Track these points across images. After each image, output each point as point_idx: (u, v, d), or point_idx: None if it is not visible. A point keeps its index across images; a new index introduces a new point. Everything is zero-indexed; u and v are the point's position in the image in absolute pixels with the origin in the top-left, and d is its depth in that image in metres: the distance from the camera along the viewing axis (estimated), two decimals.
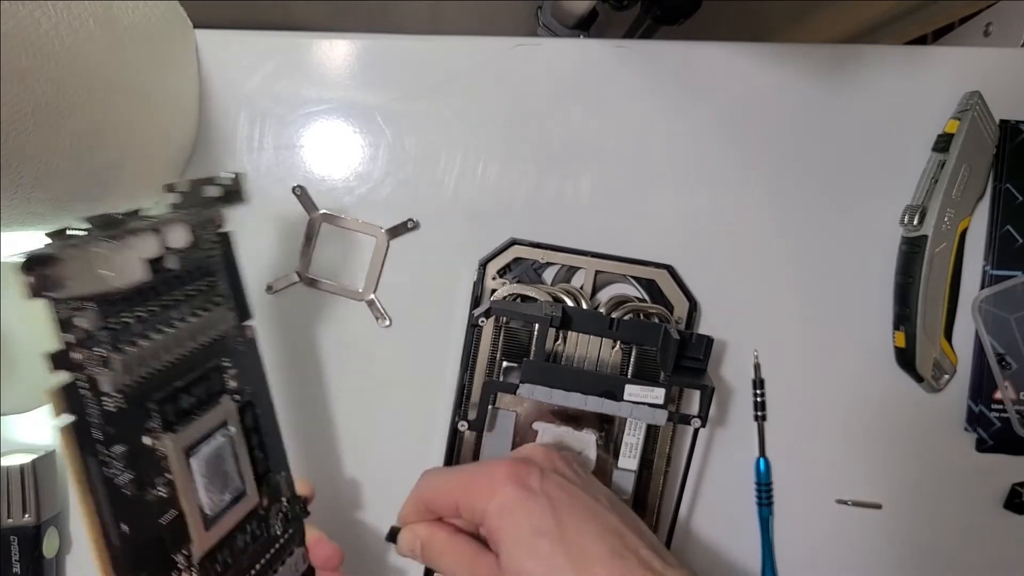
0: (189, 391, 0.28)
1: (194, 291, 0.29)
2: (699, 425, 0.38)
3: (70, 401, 0.25)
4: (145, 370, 0.27)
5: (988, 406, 0.41)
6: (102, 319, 0.25)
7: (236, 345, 0.31)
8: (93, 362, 0.25)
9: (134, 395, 0.26)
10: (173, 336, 0.28)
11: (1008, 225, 0.41)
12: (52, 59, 0.26)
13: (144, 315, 0.27)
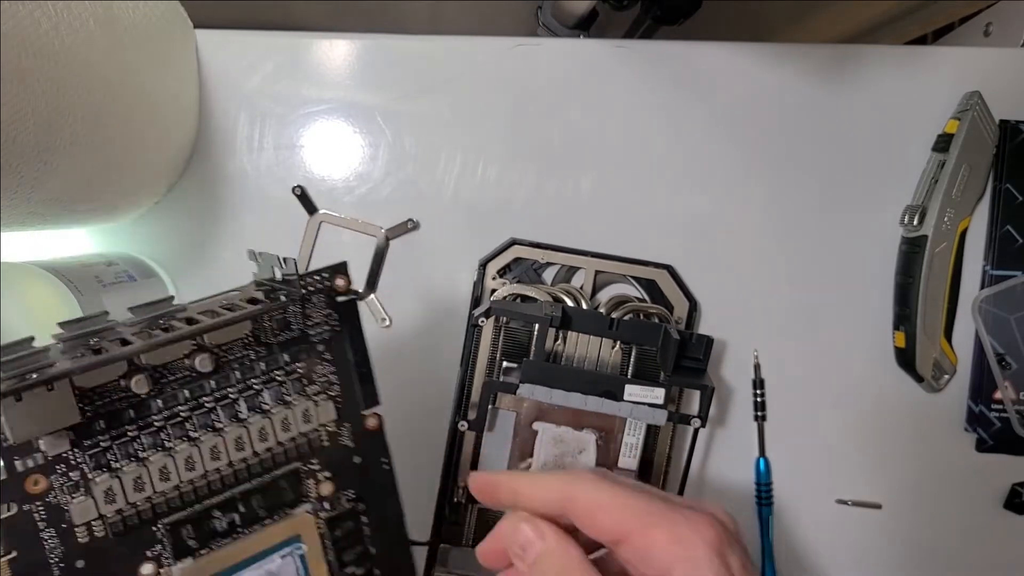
0: (237, 505, 0.25)
1: (264, 383, 0.25)
2: (699, 425, 0.38)
3: (14, 536, 0.22)
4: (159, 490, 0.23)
5: (988, 406, 0.41)
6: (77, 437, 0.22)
7: (340, 441, 0.27)
8: (59, 490, 0.22)
9: (134, 519, 0.23)
10: (209, 444, 0.24)
11: (1008, 225, 0.41)
12: (52, 59, 0.26)
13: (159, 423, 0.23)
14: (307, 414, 0.26)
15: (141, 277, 0.37)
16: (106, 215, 0.35)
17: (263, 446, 0.25)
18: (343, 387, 0.27)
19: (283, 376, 0.26)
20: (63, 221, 0.32)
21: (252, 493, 0.25)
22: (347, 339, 0.27)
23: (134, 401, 0.23)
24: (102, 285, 0.33)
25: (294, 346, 0.26)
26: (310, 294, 0.26)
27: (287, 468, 0.26)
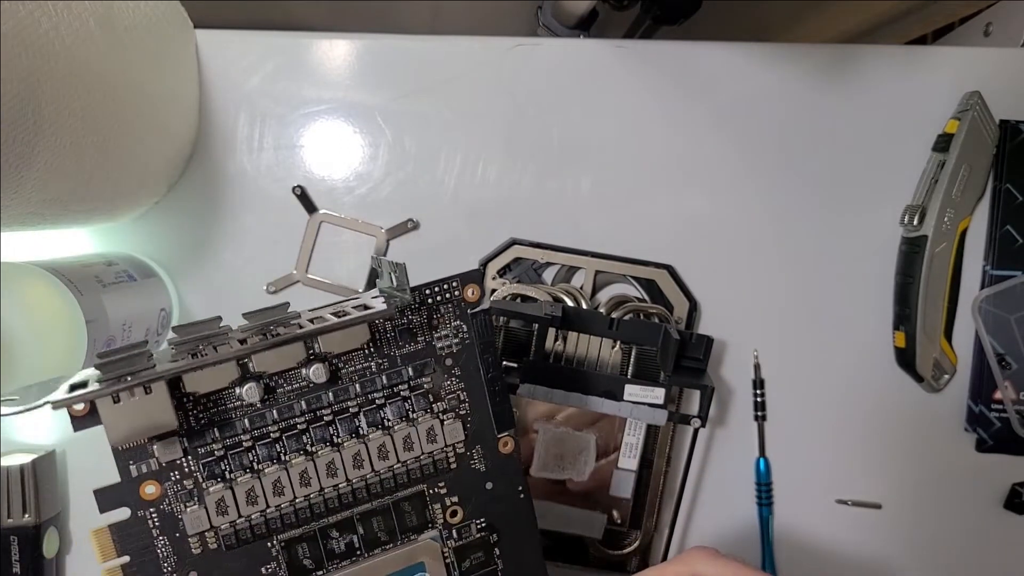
0: (356, 526, 0.24)
1: (387, 397, 0.24)
2: (699, 425, 0.38)
3: (127, 539, 0.21)
4: (273, 505, 0.23)
5: (988, 406, 0.41)
6: (190, 445, 0.22)
7: (471, 464, 0.25)
8: (173, 497, 0.22)
9: (247, 534, 0.22)
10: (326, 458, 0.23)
11: (1008, 225, 0.41)
12: (52, 59, 0.26)
13: (275, 435, 0.22)
14: (431, 433, 0.24)
15: (141, 277, 0.37)
16: (106, 215, 0.35)
17: (384, 464, 0.24)
18: (473, 406, 0.25)
19: (407, 391, 0.24)
20: (63, 221, 0.32)
21: (372, 514, 0.24)
22: (479, 354, 0.25)
23: (249, 411, 0.23)
24: (102, 285, 0.33)
25: (419, 359, 0.24)
26: (437, 304, 0.24)
27: (411, 490, 0.24)
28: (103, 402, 0.21)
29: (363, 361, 0.24)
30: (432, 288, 0.24)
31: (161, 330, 0.38)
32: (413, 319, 0.24)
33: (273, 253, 0.42)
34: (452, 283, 0.24)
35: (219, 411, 0.22)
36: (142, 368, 0.21)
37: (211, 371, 0.22)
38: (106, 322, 0.32)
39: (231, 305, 0.41)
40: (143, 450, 0.22)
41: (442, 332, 0.24)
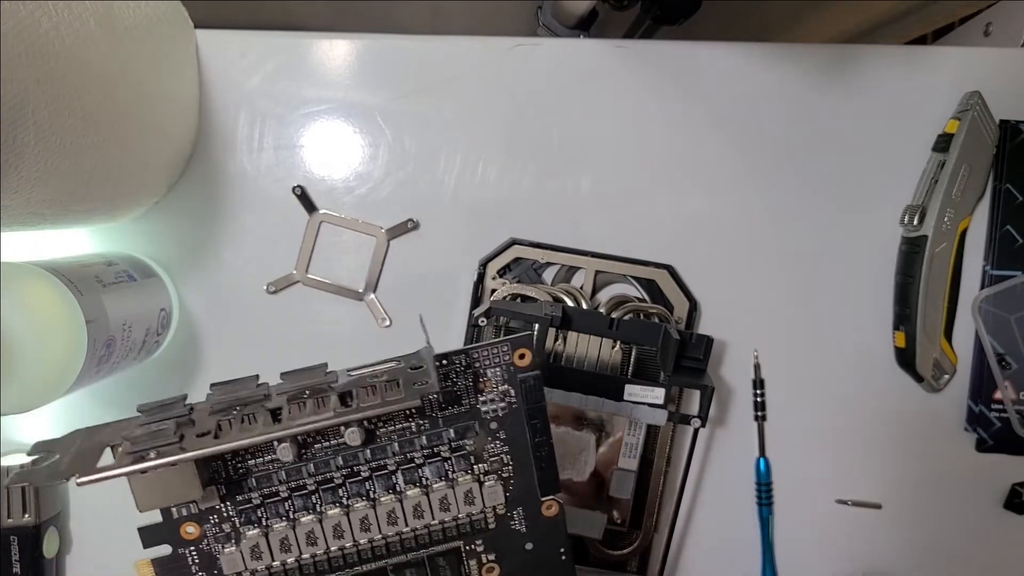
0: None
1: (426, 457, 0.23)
2: (699, 425, 0.38)
3: (168, 573, 0.23)
4: (307, 553, 0.23)
5: (988, 406, 0.41)
6: (228, 492, 0.23)
7: (510, 525, 0.24)
8: (212, 538, 0.23)
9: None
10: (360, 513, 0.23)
11: (1008, 225, 0.41)
12: (52, 59, 0.26)
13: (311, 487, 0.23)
14: (470, 495, 0.24)
15: (141, 277, 0.37)
16: (106, 215, 0.35)
17: (419, 523, 0.23)
18: (517, 469, 0.24)
19: (447, 452, 0.24)
20: (63, 221, 0.32)
21: (407, 566, 0.24)
22: (526, 418, 0.24)
23: (286, 465, 0.23)
24: (102, 285, 0.33)
25: (462, 422, 0.24)
26: (484, 368, 0.24)
27: (447, 546, 0.24)
28: (132, 477, 0.22)
29: (403, 422, 0.24)
30: (480, 352, 0.24)
31: (161, 330, 0.38)
32: (458, 383, 0.24)
33: (273, 253, 0.42)
34: (503, 347, 0.24)
35: (256, 464, 0.23)
36: (169, 440, 0.21)
37: (248, 429, 0.22)
38: (106, 322, 0.32)
39: (231, 305, 0.41)
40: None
41: (488, 396, 0.24)
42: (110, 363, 0.33)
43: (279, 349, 0.42)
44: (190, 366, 0.41)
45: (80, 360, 0.30)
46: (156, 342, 0.38)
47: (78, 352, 0.30)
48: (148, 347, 0.37)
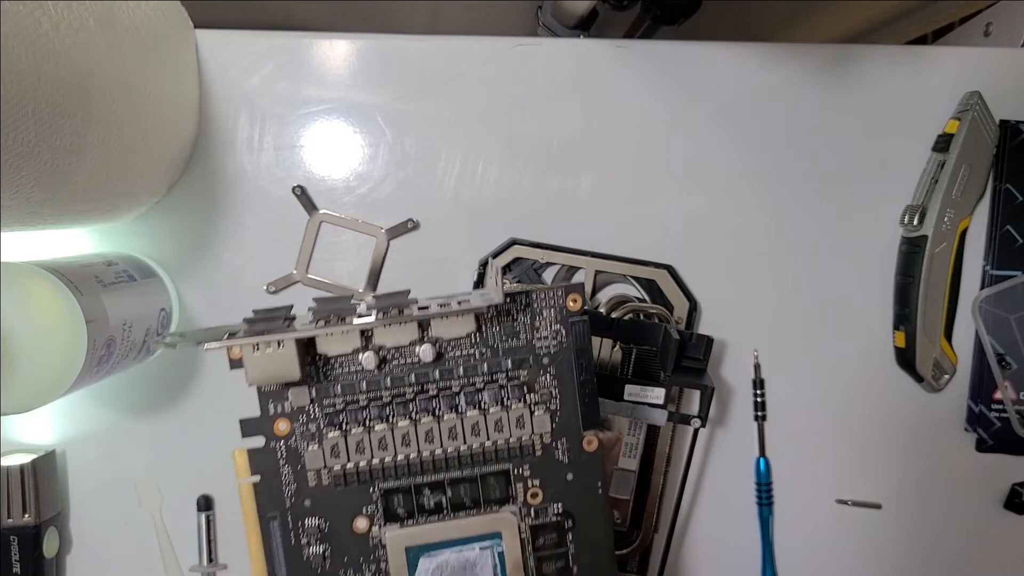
0: (446, 489, 0.27)
1: (486, 382, 0.27)
2: (699, 425, 0.38)
3: (260, 462, 0.26)
4: (377, 457, 0.26)
5: (988, 406, 0.41)
6: (317, 395, 0.26)
7: (554, 455, 0.27)
8: (299, 436, 0.26)
9: (354, 477, 0.26)
10: (426, 426, 0.26)
11: (1008, 225, 0.41)
12: (52, 59, 0.26)
13: (387, 399, 0.26)
14: (521, 420, 0.27)
15: (141, 277, 0.37)
16: (106, 215, 0.35)
17: (476, 440, 0.27)
18: (563, 402, 0.27)
19: (504, 380, 0.27)
20: (63, 221, 0.32)
21: (460, 481, 0.27)
22: (574, 358, 0.27)
23: (367, 375, 0.27)
24: (102, 285, 0.33)
25: (519, 355, 0.27)
26: (541, 308, 0.27)
27: (497, 467, 0.27)
28: (246, 350, 0.26)
29: (468, 348, 0.27)
30: (538, 293, 0.27)
31: (161, 330, 0.38)
32: (518, 319, 0.27)
33: (273, 253, 0.42)
34: (557, 292, 0.27)
35: (342, 372, 0.27)
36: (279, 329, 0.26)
37: (338, 338, 0.26)
38: (106, 322, 0.32)
39: (231, 305, 0.41)
40: (280, 394, 0.27)
41: (543, 333, 0.27)
42: (110, 363, 0.33)
43: None
44: (190, 366, 0.41)
45: (80, 360, 0.30)
46: (156, 342, 0.38)
47: (78, 352, 0.30)
48: (148, 347, 0.37)
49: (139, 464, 0.41)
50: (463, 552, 0.26)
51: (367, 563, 0.27)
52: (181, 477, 0.41)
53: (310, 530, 0.26)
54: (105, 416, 0.41)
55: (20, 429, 0.41)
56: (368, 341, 0.27)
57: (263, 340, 0.25)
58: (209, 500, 0.41)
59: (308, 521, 0.26)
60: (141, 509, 0.41)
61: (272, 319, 0.26)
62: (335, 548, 0.26)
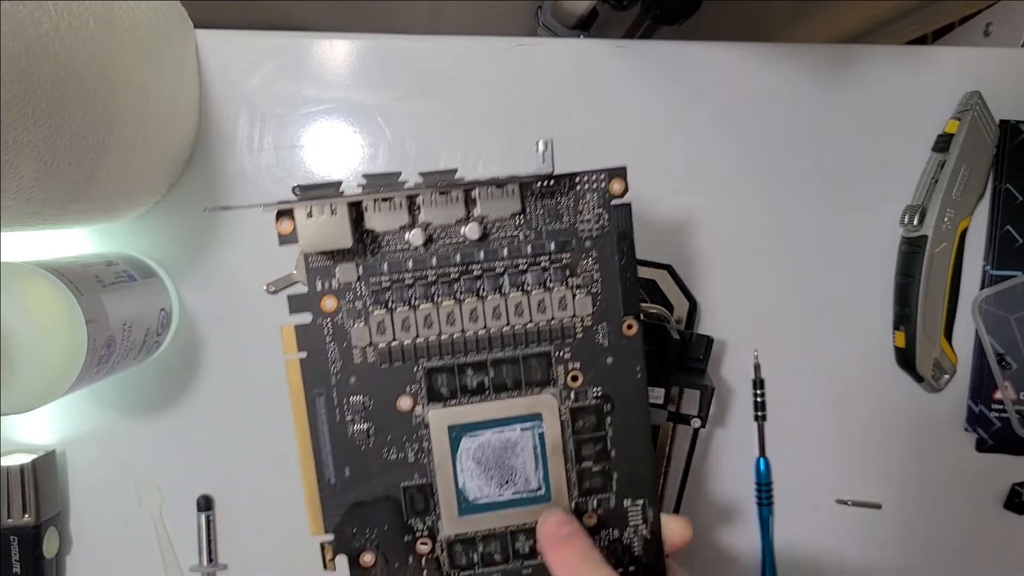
0: (488, 369, 0.27)
1: (529, 264, 0.27)
2: (699, 425, 0.38)
3: (306, 339, 0.27)
4: (422, 336, 0.27)
5: (988, 406, 0.41)
6: (364, 273, 0.27)
7: (595, 338, 0.28)
8: (345, 313, 0.27)
9: (399, 355, 0.27)
10: (470, 306, 0.27)
11: (1008, 225, 0.41)
12: (52, 59, 0.26)
13: (432, 278, 0.27)
14: (563, 302, 0.27)
15: (141, 277, 0.37)
16: (106, 215, 0.35)
17: (519, 320, 0.27)
18: (604, 286, 0.28)
19: (547, 262, 0.27)
20: (63, 221, 0.32)
21: (503, 362, 0.27)
22: (616, 241, 0.27)
23: (413, 254, 0.27)
24: (102, 285, 0.33)
25: (562, 237, 0.27)
26: (584, 191, 0.27)
27: (538, 349, 0.27)
28: (300, 215, 0.27)
29: (512, 230, 0.27)
30: (582, 176, 0.27)
31: (161, 330, 0.38)
32: (562, 201, 0.27)
33: (273, 253, 0.41)
34: (601, 175, 0.27)
35: (389, 250, 0.27)
36: (332, 195, 0.26)
37: (386, 213, 0.27)
38: (106, 322, 0.32)
39: (231, 305, 0.41)
40: (328, 271, 0.27)
41: (586, 216, 0.27)
42: (110, 363, 0.33)
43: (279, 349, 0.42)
44: (190, 366, 0.41)
45: (80, 360, 0.30)
46: (156, 342, 0.38)
47: (78, 352, 0.30)
48: (148, 347, 0.37)
49: (139, 464, 0.41)
50: (504, 432, 0.27)
51: (410, 441, 0.27)
52: (181, 477, 0.41)
53: (355, 407, 0.27)
54: (105, 416, 0.41)
55: (20, 429, 0.41)
56: (415, 218, 0.27)
57: (317, 203, 0.26)
58: (209, 500, 0.41)
59: (353, 398, 0.27)
60: (141, 509, 0.41)
61: (324, 187, 0.26)
62: (379, 426, 0.27)
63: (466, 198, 0.27)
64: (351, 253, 0.27)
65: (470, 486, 0.27)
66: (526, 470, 0.27)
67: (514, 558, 0.28)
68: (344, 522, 0.27)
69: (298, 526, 0.41)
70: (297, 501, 0.41)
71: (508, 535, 0.27)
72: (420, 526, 0.27)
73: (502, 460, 0.27)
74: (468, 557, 0.27)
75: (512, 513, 0.27)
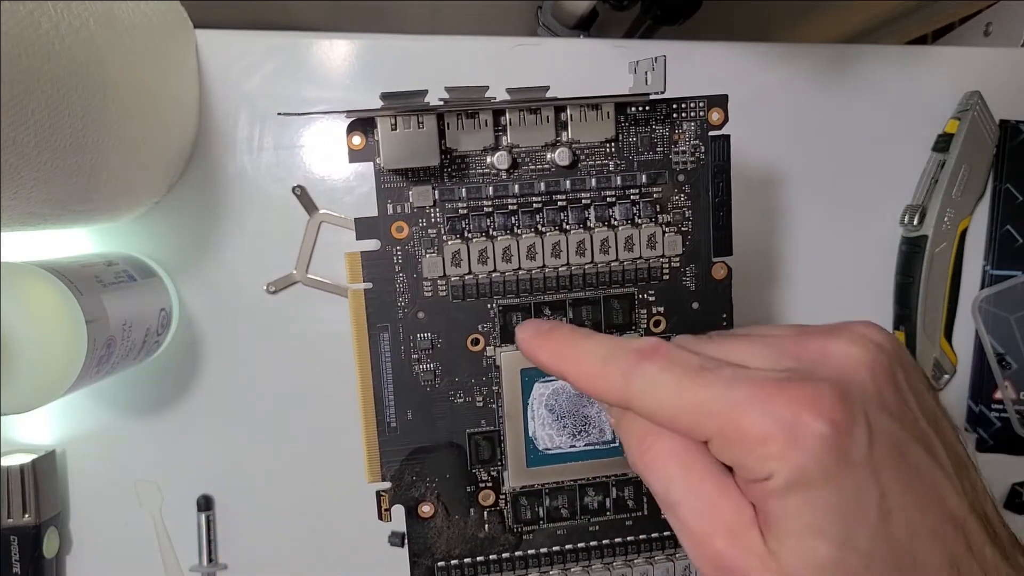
0: (567, 310, 0.25)
1: (618, 197, 0.25)
2: None
3: (373, 268, 0.24)
4: (499, 270, 0.25)
5: (988, 406, 0.41)
6: (440, 197, 0.24)
7: (682, 281, 0.26)
8: (417, 241, 0.25)
9: (472, 290, 0.25)
10: (552, 239, 0.25)
11: (1008, 225, 0.41)
12: (52, 59, 0.26)
13: (513, 207, 0.25)
14: (652, 240, 0.25)
15: (141, 277, 0.37)
16: (106, 215, 0.35)
17: (603, 259, 0.25)
18: (696, 225, 0.26)
19: (637, 196, 0.25)
20: (63, 221, 0.32)
21: (584, 303, 0.25)
22: (711, 176, 0.26)
23: (495, 180, 0.25)
24: (102, 285, 0.33)
25: (654, 168, 0.25)
26: (681, 120, 0.25)
27: (622, 291, 0.25)
28: (383, 127, 0.23)
29: (603, 159, 0.25)
30: (679, 103, 0.25)
31: (161, 330, 0.38)
32: (656, 129, 0.25)
33: (273, 253, 0.42)
34: (699, 103, 0.25)
35: (469, 174, 0.25)
36: (418, 107, 0.23)
37: (470, 133, 0.24)
38: (106, 322, 0.32)
39: (231, 305, 0.41)
40: (401, 192, 0.24)
41: (681, 147, 0.25)
42: (110, 363, 0.33)
43: (279, 349, 0.42)
44: (190, 366, 0.41)
45: (80, 360, 0.30)
46: (156, 342, 0.38)
47: (78, 352, 0.30)
48: (148, 347, 0.37)
49: (139, 464, 0.41)
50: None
51: (479, 384, 0.25)
52: (181, 477, 0.41)
53: (422, 344, 0.25)
54: (105, 416, 0.41)
55: (20, 429, 0.41)
56: (499, 141, 0.25)
57: (405, 113, 0.23)
58: (209, 500, 0.41)
59: (420, 336, 0.25)
60: (141, 509, 0.41)
61: (409, 97, 0.23)
62: (446, 366, 0.25)
63: (556, 121, 0.25)
64: (427, 175, 0.24)
65: (540, 435, 0.25)
66: (600, 420, 0.25)
67: (581, 514, 0.26)
68: (403, 469, 0.25)
69: (298, 526, 0.42)
70: (297, 502, 0.41)
71: (577, 489, 0.26)
72: (484, 476, 0.25)
73: (576, 408, 0.25)
74: (533, 511, 0.26)
75: (583, 466, 0.25)
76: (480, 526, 0.26)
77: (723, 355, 0.20)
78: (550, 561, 0.26)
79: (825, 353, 0.20)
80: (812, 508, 0.18)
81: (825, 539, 0.18)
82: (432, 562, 0.25)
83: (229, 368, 0.41)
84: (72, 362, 0.30)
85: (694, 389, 0.19)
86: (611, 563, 0.26)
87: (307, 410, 0.42)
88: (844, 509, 0.18)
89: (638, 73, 0.25)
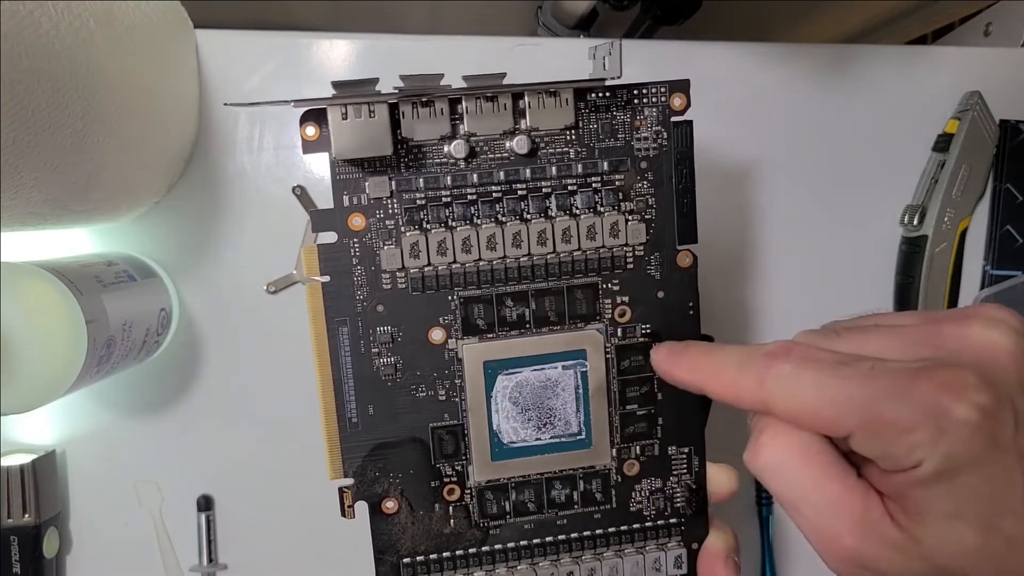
0: (530, 300, 0.24)
1: (579, 185, 0.24)
2: None
3: (330, 261, 0.24)
4: (458, 261, 0.24)
5: None
6: (397, 188, 0.24)
7: (646, 270, 0.25)
8: (375, 233, 0.24)
9: (432, 282, 0.24)
10: (513, 229, 0.24)
11: (1008, 225, 0.41)
12: (52, 59, 0.26)
13: (472, 197, 0.24)
14: (615, 228, 0.25)
15: (141, 277, 0.37)
16: (106, 215, 0.35)
17: (565, 248, 0.25)
18: (659, 213, 0.26)
19: (599, 184, 0.25)
20: (63, 221, 0.32)
21: (546, 293, 0.25)
22: (674, 162, 0.25)
23: (453, 169, 0.24)
24: (102, 285, 0.33)
25: (616, 156, 0.25)
26: (643, 105, 0.25)
27: (586, 280, 0.25)
28: (334, 116, 0.23)
29: (563, 146, 0.25)
30: (640, 89, 0.25)
31: (161, 330, 0.38)
32: (617, 115, 0.25)
33: (273, 253, 0.42)
34: (660, 88, 0.25)
35: (427, 164, 0.24)
36: (369, 95, 0.23)
37: (426, 121, 0.24)
38: (106, 322, 0.32)
39: (231, 305, 0.41)
40: (357, 184, 0.24)
41: (643, 134, 0.25)
42: (110, 363, 0.33)
43: (279, 349, 0.42)
44: (190, 366, 0.41)
45: (80, 360, 0.30)
46: (156, 342, 0.38)
47: (78, 352, 0.30)
48: (148, 347, 0.37)
49: (139, 464, 0.41)
50: (544, 371, 0.25)
51: (441, 378, 0.25)
52: (181, 477, 0.41)
53: (382, 338, 0.24)
54: (105, 416, 0.41)
55: (20, 429, 0.41)
56: (456, 129, 0.25)
57: (355, 102, 0.23)
58: (209, 500, 0.41)
59: (380, 329, 0.24)
60: (141, 509, 0.41)
61: (360, 85, 0.23)
62: (407, 360, 0.24)
63: (514, 108, 0.25)
64: (383, 165, 0.24)
65: (505, 428, 0.25)
66: (566, 412, 0.25)
67: (549, 507, 0.26)
68: (365, 465, 0.25)
69: (298, 526, 0.42)
70: (297, 502, 0.41)
71: (544, 482, 0.25)
72: (449, 471, 0.25)
73: (541, 401, 0.25)
74: (499, 505, 0.25)
75: (549, 459, 0.25)
76: (446, 521, 0.25)
77: (856, 349, 0.21)
78: (518, 556, 0.26)
79: (963, 340, 0.19)
80: (958, 494, 0.18)
81: (970, 524, 0.18)
82: (397, 559, 0.25)
83: (229, 368, 0.41)
84: (72, 362, 0.30)
85: (834, 384, 0.19)
86: (580, 557, 0.26)
87: (307, 410, 0.42)
88: (990, 494, 0.18)
89: (596, 58, 0.25)
